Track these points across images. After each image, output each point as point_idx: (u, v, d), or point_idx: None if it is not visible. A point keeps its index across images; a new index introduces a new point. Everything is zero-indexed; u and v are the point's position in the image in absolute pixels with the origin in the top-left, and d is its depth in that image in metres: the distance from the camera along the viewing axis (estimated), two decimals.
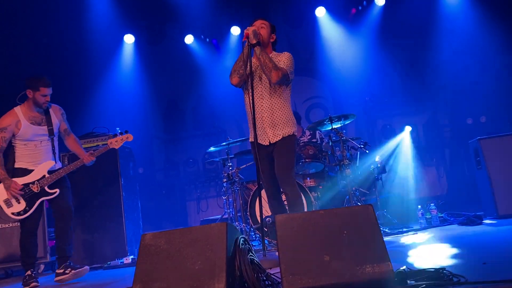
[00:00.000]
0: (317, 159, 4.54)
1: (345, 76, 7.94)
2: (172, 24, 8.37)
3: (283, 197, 3.57)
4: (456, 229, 3.98)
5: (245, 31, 3.39)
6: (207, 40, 8.48)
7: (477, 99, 7.18)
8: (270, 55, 3.46)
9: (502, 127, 6.84)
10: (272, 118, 3.39)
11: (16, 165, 4.00)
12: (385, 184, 5.59)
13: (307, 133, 5.29)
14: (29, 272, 3.94)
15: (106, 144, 5.09)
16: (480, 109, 7.21)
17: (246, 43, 3.36)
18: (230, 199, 5.38)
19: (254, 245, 4.26)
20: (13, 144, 4.04)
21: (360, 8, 8.02)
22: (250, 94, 3.26)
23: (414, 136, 7.65)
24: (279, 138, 3.39)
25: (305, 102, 8.36)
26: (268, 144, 3.40)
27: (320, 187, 4.66)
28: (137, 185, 5.43)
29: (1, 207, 3.89)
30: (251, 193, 4.64)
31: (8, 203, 3.88)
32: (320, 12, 8.02)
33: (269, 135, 3.38)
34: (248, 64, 3.32)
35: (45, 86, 4.03)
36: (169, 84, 8.58)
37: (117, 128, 5.32)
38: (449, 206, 5.90)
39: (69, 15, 6.97)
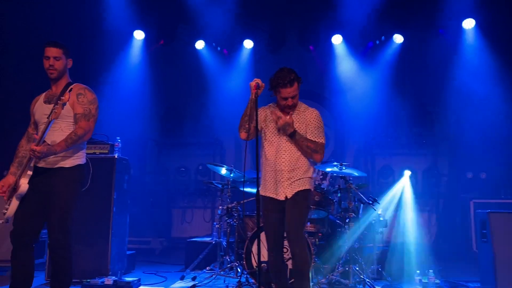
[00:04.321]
0: (321, 207, 4.38)
1: (352, 108, 7.81)
2: (184, 26, 8.11)
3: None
4: None
5: (254, 83, 3.13)
6: (218, 48, 8.27)
7: (480, 155, 7.12)
8: (296, 110, 3.31)
9: (502, 187, 6.79)
10: (291, 172, 3.22)
11: None
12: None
13: (320, 172, 5.10)
14: None
15: (105, 152, 4.86)
16: (482, 165, 7.13)
17: (253, 96, 3.11)
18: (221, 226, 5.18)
19: None
20: None
21: (377, 42, 7.89)
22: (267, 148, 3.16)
23: (413, 181, 7.57)
24: (295, 191, 3.21)
25: None
26: (284, 199, 3.22)
27: (320, 234, 4.49)
28: (128, 199, 5.19)
29: None
30: (250, 232, 4.46)
31: None
32: (337, 39, 7.87)
33: (286, 189, 3.21)
34: (255, 120, 3.12)
35: (46, 45, 3.28)
36: (173, 87, 8.33)
37: (117, 138, 5.09)
38: (441, 261, 5.78)
39: (81, 6, 6.66)
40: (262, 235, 3.95)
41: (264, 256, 3.83)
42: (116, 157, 4.79)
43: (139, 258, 5.83)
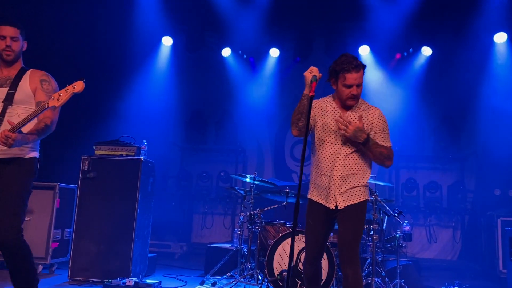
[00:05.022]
0: None
1: None
2: (212, 34, 8.23)
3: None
4: None
5: (310, 75, 2.80)
6: (244, 56, 8.33)
7: (509, 172, 6.93)
8: (358, 107, 2.96)
9: None
10: (343, 179, 2.88)
11: None
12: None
13: None
14: None
15: (131, 155, 4.91)
16: (510, 182, 6.93)
17: (307, 89, 2.83)
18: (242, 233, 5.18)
19: None
20: None
21: (405, 54, 7.81)
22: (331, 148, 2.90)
23: (438, 196, 7.42)
24: (351, 203, 2.87)
25: None
26: (334, 208, 2.88)
27: None
28: (152, 201, 5.23)
29: None
30: (271, 240, 4.44)
31: None
32: (364, 50, 7.82)
33: (338, 198, 2.86)
34: (307, 119, 2.76)
35: (1, 24, 2.98)
36: (198, 93, 8.44)
37: (144, 141, 5.15)
38: (465, 279, 5.64)
39: (112, 11, 6.80)
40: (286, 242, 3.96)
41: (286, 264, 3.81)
42: (142, 159, 4.84)
43: (159, 262, 5.86)
